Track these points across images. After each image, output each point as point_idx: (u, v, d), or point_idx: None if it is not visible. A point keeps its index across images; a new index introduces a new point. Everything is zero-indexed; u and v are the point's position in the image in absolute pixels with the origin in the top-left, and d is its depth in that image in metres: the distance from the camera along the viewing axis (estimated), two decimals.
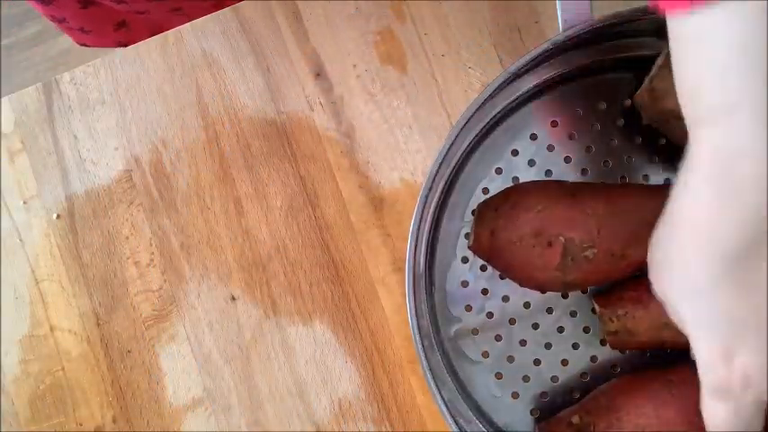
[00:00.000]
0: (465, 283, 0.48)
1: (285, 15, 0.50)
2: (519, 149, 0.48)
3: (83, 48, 0.74)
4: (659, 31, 0.45)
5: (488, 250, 0.44)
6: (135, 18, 0.60)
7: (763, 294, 0.27)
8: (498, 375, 0.47)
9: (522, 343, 0.47)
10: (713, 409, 0.31)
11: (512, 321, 0.47)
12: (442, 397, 0.41)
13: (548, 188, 0.43)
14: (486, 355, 0.47)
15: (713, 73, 0.26)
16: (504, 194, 0.44)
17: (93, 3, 0.56)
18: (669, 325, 0.42)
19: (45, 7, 0.56)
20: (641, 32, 0.45)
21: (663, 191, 0.43)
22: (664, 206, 0.33)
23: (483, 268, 0.48)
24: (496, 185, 0.48)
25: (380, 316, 0.49)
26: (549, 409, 0.47)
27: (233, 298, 0.49)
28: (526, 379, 0.47)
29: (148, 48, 0.50)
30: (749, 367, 0.29)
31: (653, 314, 0.42)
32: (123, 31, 0.60)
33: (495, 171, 0.48)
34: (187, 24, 0.51)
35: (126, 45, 0.61)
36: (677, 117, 0.42)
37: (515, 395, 0.47)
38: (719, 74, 0.26)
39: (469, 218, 0.48)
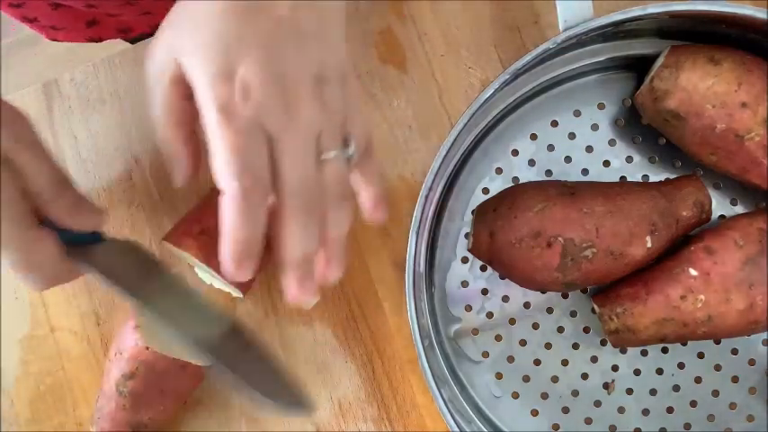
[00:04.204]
0: (465, 283, 0.48)
1: None
2: (519, 149, 0.48)
3: (82, 48, 0.74)
4: (659, 31, 0.45)
5: (488, 252, 0.44)
6: (106, 18, 0.60)
7: (267, 21, 0.30)
8: (498, 375, 0.47)
9: (522, 343, 0.47)
10: (217, 142, 0.31)
11: (512, 321, 0.47)
12: (442, 397, 0.41)
13: (546, 188, 0.43)
14: (486, 355, 0.47)
15: None
16: (503, 195, 0.44)
17: (62, 6, 0.56)
18: (669, 320, 0.42)
19: (16, 9, 0.56)
20: (641, 32, 0.45)
21: (661, 191, 0.44)
22: (662, 205, 0.33)
23: (483, 268, 0.48)
24: (496, 185, 0.48)
25: (380, 316, 0.49)
26: (549, 410, 0.47)
27: (233, 298, 0.49)
28: (526, 379, 0.47)
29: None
30: (249, 77, 0.30)
31: (652, 309, 0.42)
32: (95, 28, 0.60)
33: (496, 171, 0.48)
34: None
35: (98, 41, 0.62)
36: (677, 117, 0.43)
37: (515, 395, 0.47)
38: None
39: (469, 218, 0.48)
